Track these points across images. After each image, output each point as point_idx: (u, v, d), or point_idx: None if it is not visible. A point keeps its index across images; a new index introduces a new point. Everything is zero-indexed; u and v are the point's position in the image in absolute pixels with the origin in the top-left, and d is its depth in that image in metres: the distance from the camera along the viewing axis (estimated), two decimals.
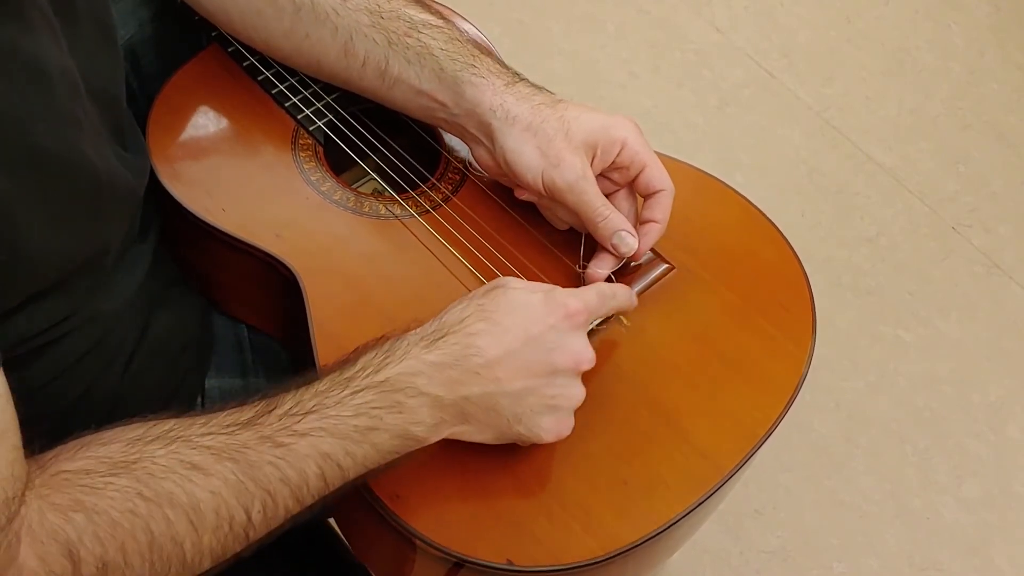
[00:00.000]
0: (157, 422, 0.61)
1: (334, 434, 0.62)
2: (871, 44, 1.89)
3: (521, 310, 0.67)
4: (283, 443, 0.61)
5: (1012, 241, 1.65)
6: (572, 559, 0.67)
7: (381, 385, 0.63)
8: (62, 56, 0.61)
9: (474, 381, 0.65)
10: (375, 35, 0.80)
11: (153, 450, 0.59)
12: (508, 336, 0.66)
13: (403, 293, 0.78)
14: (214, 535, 0.59)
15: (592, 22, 1.85)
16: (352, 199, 0.82)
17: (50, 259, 0.62)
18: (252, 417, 0.62)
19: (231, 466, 0.60)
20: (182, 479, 0.58)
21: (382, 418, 0.63)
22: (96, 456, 0.59)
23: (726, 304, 0.81)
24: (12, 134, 0.56)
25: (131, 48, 0.90)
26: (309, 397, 0.63)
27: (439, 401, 0.65)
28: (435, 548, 0.66)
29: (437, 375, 0.64)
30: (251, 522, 0.60)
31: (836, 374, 1.47)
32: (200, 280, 0.86)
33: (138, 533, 0.57)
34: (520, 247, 0.81)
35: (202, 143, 0.84)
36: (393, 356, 0.65)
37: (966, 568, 1.33)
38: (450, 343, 0.65)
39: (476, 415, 0.66)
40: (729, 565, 1.31)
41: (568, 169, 0.76)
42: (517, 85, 0.79)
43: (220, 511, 0.59)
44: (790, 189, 1.67)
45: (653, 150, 0.79)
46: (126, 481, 0.58)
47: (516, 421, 0.67)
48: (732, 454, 0.73)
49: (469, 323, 0.66)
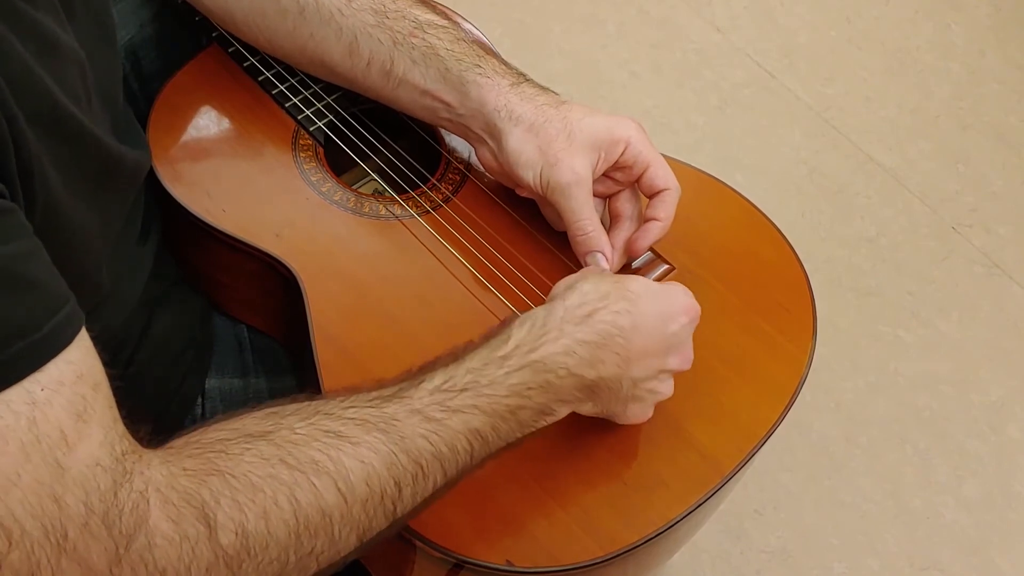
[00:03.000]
0: (289, 400, 0.60)
1: (486, 412, 0.62)
2: (871, 44, 1.89)
3: (656, 298, 0.70)
4: (435, 418, 0.60)
5: (1012, 241, 1.65)
6: (572, 560, 0.67)
7: (534, 365, 0.64)
8: (69, 39, 0.61)
9: (613, 361, 0.67)
10: (380, 35, 0.80)
11: (292, 422, 0.57)
12: (647, 321, 0.68)
13: (403, 293, 0.78)
14: (363, 508, 0.57)
15: (593, 22, 1.85)
16: (352, 200, 0.82)
17: (75, 228, 0.61)
18: (397, 391, 0.62)
19: (381, 437, 0.58)
20: (327, 447, 0.56)
21: (532, 397, 0.64)
22: (228, 427, 0.57)
23: (726, 305, 0.81)
24: (38, 89, 0.56)
25: (131, 48, 0.90)
26: (462, 373, 0.63)
27: (582, 380, 0.66)
28: (435, 549, 0.67)
29: (586, 354, 0.66)
30: (401, 496, 0.59)
31: (836, 374, 1.47)
32: (200, 280, 0.86)
33: (281, 500, 0.54)
34: (520, 248, 0.81)
35: (202, 144, 0.84)
36: (548, 334, 0.65)
37: (966, 568, 1.33)
38: (598, 320, 0.67)
39: (601, 394, 0.68)
40: (729, 565, 1.31)
41: (565, 170, 0.76)
42: (522, 86, 0.79)
43: (371, 482, 0.57)
44: (790, 189, 1.67)
45: (657, 150, 0.80)
46: (266, 447, 0.55)
47: (624, 401, 0.69)
48: (732, 455, 0.73)
49: (613, 301, 0.68)
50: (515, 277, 0.80)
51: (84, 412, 0.50)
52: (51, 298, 0.51)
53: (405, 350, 0.75)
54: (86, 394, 0.51)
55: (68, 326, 0.51)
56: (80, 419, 0.50)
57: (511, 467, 0.69)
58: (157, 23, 0.92)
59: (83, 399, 0.51)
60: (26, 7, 0.56)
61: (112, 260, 0.73)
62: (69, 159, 0.60)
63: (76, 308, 0.53)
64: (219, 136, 0.85)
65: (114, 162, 0.66)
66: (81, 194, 0.62)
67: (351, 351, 0.74)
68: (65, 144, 0.59)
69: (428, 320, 0.77)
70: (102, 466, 0.50)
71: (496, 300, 0.78)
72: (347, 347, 0.74)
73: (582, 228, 0.77)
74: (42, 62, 0.57)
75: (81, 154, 0.61)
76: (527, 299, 0.78)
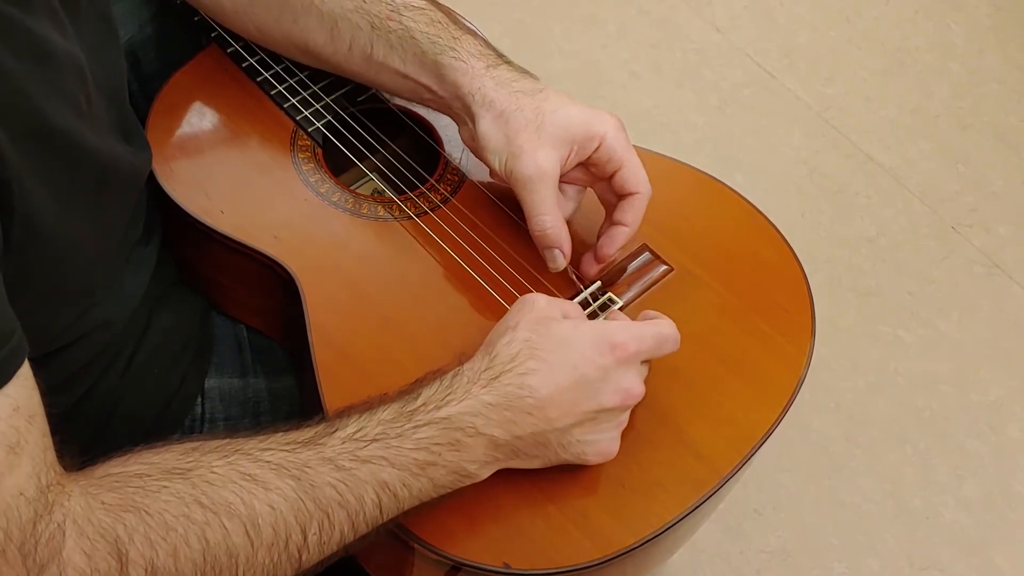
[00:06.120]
0: (211, 437, 0.61)
1: (395, 464, 0.62)
2: (871, 44, 1.89)
3: (569, 346, 0.67)
4: (345, 467, 0.61)
5: (1012, 241, 1.64)
6: (569, 562, 0.67)
7: (442, 422, 0.64)
8: (68, 43, 0.61)
9: (526, 421, 0.66)
10: (359, 20, 0.80)
11: (211, 460, 0.58)
12: (557, 374, 0.66)
13: (401, 295, 0.78)
14: (268, 553, 0.58)
15: (593, 22, 1.85)
16: (351, 200, 0.82)
17: (60, 239, 0.62)
18: (312, 437, 0.62)
19: (292, 483, 0.59)
20: (241, 490, 0.57)
21: (441, 454, 0.64)
22: (149, 462, 0.58)
23: (725, 306, 0.81)
24: (23, 107, 0.56)
25: (131, 48, 0.90)
26: (373, 425, 0.63)
27: (494, 441, 0.65)
28: (432, 551, 0.66)
29: (494, 416, 0.65)
30: (306, 543, 0.59)
31: (836, 374, 1.47)
32: (199, 281, 0.86)
33: (192, 540, 0.55)
34: (519, 249, 0.81)
35: (201, 144, 0.84)
36: (454, 394, 0.65)
37: (966, 568, 1.33)
38: (504, 384, 0.66)
39: (526, 450, 0.67)
40: (729, 565, 1.31)
41: (528, 163, 0.75)
42: (499, 68, 0.79)
43: (278, 527, 0.58)
44: (790, 189, 1.67)
45: (634, 149, 0.78)
46: (182, 486, 0.56)
47: (563, 450, 0.68)
48: (730, 457, 0.73)
49: (520, 361, 0.66)
50: (513, 279, 0.79)
51: (17, 445, 0.51)
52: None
53: (403, 351, 0.75)
54: (20, 426, 0.52)
55: (9, 363, 0.52)
56: (12, 451, 0.51)
57: (509, 470, 0.69)
58: (157, 23, 0.92)
59: (17, 431, 0.52)
60: (19, 15, 0.56)
61: (115, 261, 0.73)
62: (62, 173, 0.60)
63: (20, 341, 0.53)
64: (217, 137, 0.85)
65: (111, 170, 0.66)
66: (77, 206, 0.62)
67: (349, 352, 0.74)
68: (57, 159, 0.59)
69: (426, 321, 0.76)
70: (26, 497, 0.52)
71: (494, 301, 0.78)
72: (345, 348, 0.74)
73: (540, 223, 0.76)
74: (34, 74, 0.57)
75: (75, 167, 0.61)
76: None
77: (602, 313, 0.78)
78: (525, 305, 0.71)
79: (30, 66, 0.56)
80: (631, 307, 0.79)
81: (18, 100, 0.55)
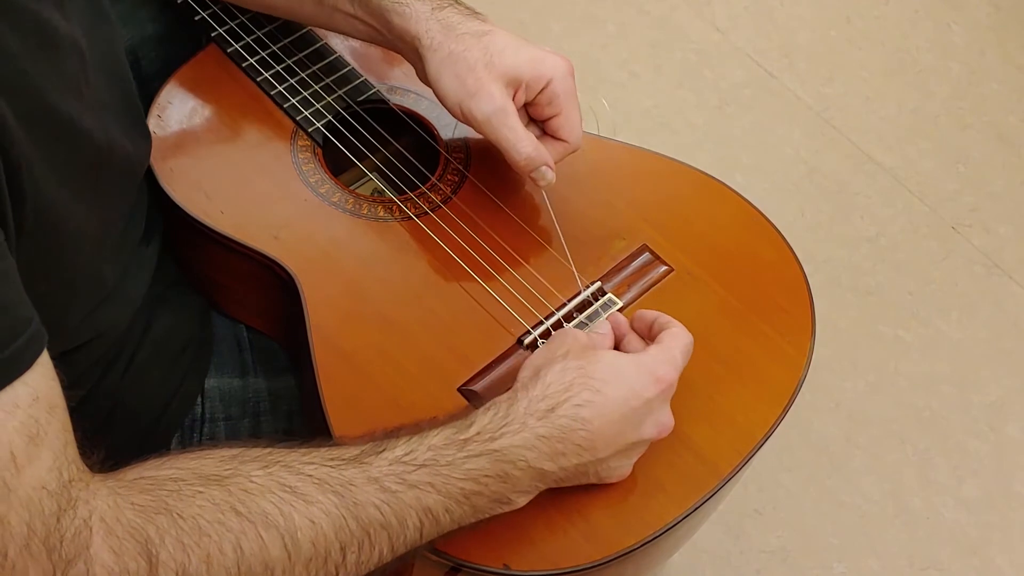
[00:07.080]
0: (252, 445, 0.60)
1: (441, 492, 0.61)
2: (871, 44, 1.89)
3: (620, 377, 0.67)
4: (390, 489, 0.60)
5: (1012, 241, 1.64)
6: (569, 563, 0.67)
7: (494, 454, 0.63)
8: (68, 25, 0.61)
9: (575, 452, 0.65)
10: None
11: (250, 469, 0.57)
12: (610, 407, 0.66)
13: (401, 295, 0.78)
14: (305, 568, 0.56)
15: (592, 22, 1.85)
16: (350, 201, 0.82)
17: (69, 225, 0.61)
18: (358, 455, 0.61)
19: (335, 499, 0.58)
20: (281, 501, 0.56)
21: (488, 485, 0.63)
22: (184, 467, 0.56)
23: (725, 306, 0.81)
24: (29, 90, 0.56)
25: (131, 48, 0.90)
26: (423, 450, 0.62)
27: (542, 473, 0.65)
28: (432, 552, 0.66)
29: (546, 448, 0.64)
30: (344, 562, 0.58)
31: (836, 374, 1.47)
32: (199, 281, 0.86)
33: (226, 547, 0.54)
34: (520, 249, 0.81)
35: (200, 144, 0.84)
36: (510, 425, 0.64)
37: (966, 568, 1.33)
38: (559, 415, 0.65)
39: (567, 479, 0.67)
40: (729, 565, 1.31)
41: (486, 100, 0.75)
42: (445, 10, 0.78)
43: (318, 543, 0.57)
44: (790, 189, 1.67)
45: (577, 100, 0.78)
46: (219, 493, 0.55)
47: (593, 475, 0.68)
48: (730, 458, 0.73)
49: (575, 392, 0.66)
50: (514, 279, 0.79)
51: (37, 435, 0.50)
52: (14, 321, 0.51)
53: (403, 351, 0.75)
54: (40, 417, 0.51)
55: (28, 349, 0.51)
56: (32, 442, 0.50)
57: None
58: (157, 23, 0.92)
59: (36, 422, 0.51)
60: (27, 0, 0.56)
61: (117, 260, 0.73)
62: (65, 157, 0.60)
63: (39, 330, 0.53)
64: (217, 137, 0.85)
65: (108, 153, 0.66)
66: (79, 192, 0.62)
67: (349, 352, 0.74)
68: (60, 142, 0.59)
69: (426, 322, 0.76)
70: (48, 490, 0.51)
71: (494, 302, 0.78)
72: (345, 349, 0.74)
73: (522, 152, 0.76)
74: (41, 57, 0.57)
75: (74, 150, 0.61)
76: (526, 301, 0.78)
77: (603, 313, 0.78)
78: (568, 336, 0.71)
79: (33, 48, 0.56)
80: (631, 308, 0.79)
81: (23, 81, 0.55)
